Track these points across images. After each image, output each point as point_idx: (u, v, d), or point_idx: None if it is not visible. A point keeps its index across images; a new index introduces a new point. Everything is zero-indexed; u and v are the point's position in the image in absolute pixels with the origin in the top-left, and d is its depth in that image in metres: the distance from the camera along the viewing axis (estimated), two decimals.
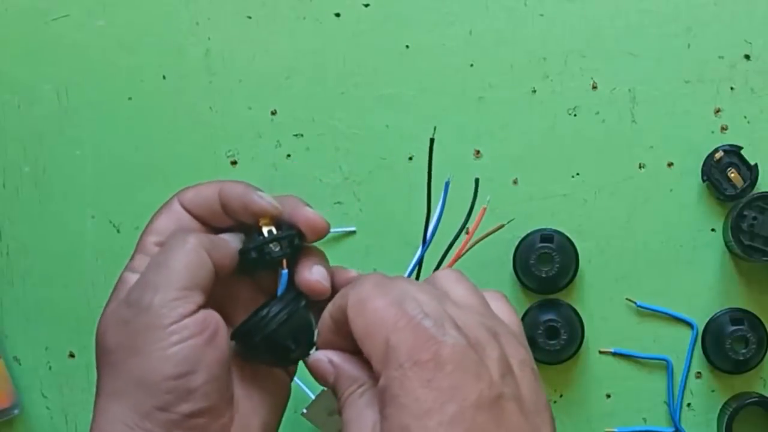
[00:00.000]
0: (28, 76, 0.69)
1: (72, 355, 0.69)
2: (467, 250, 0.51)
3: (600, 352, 0.68)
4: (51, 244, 0.70)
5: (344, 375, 0.42)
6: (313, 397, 0.58)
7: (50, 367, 0.69)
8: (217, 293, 0.46)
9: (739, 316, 0.67)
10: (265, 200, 0.46)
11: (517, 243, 0.67)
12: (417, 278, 0.49)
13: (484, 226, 0.54)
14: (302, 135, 0.69)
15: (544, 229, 0.67)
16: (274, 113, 0.69)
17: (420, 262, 0.49)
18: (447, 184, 0.48)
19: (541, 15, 0.68)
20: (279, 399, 0.48)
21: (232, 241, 0.47)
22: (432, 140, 0.48)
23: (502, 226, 0.56)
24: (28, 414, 0.69)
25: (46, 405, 0.70)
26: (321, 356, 0.44)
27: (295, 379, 0.50)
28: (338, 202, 0.69)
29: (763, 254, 0.64)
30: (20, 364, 0.69)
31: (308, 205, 0.47)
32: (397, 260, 0.66)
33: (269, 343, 0.44)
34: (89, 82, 0.69)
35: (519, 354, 0.40)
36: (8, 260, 0.70)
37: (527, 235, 0.67)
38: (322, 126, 0.69)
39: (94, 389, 0.45)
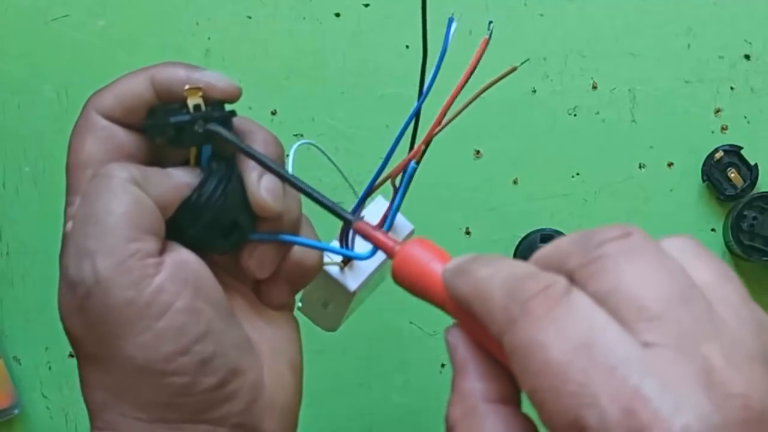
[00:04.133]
0: (28, 76, 0.69)
1: (72, 355, 0.69)
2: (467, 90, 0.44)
3: None
4: (51, 244, 0.69)
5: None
6: None
7: (50, 367, 0.69)
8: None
9: None
10: (218, 78, 0.38)
11: (517, 243, 0.67)
12: (413, 138, 0.44)
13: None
14: (302, 135, 0.69)
15: (544, 229, 0.67)
16: (274, 113, 0.69)
17: (417, 115, 0.43)
18: (450, 21, 0.42)
19: (541, 15, 0.68)
20: (292, 329, 0.42)
21: (178, 176, 0.38)
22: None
23: (515, 68, 0.46)
24: (28, 414, 0.69)
25: (46, 405, 0.70)
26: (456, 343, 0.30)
27: None
28: (338, 202, 0.69)
29: (763, 254, 0.64)
30: (20, 364, 0.69)
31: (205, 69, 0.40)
32: None
33: (217, 224, 0.38)
34: (89, 82, 0.69)
35: None
36: (8, 260, 0.69)
37: (527, 235, 0.67)
38: (322, 126, 0.69)
39: (79, 382, 0.38)
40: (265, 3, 0.69)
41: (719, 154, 0.66)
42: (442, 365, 0.67)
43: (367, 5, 0.69)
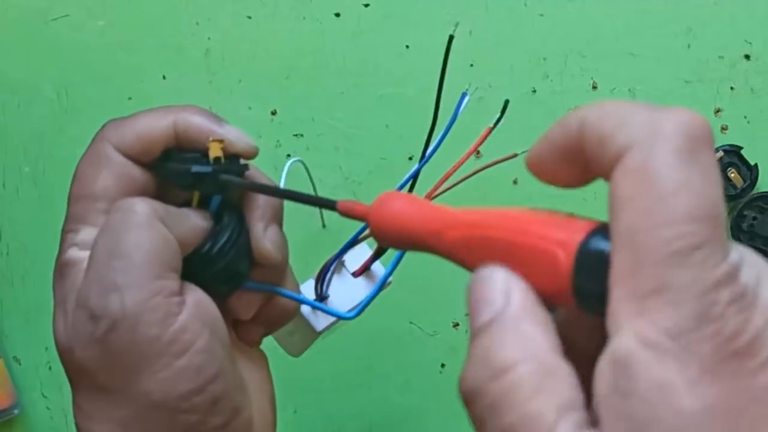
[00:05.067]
0: (28, 76, 0.69)
1: None
2: (467, 172, 0.46)
3: None
4: (51, 244, 0.69)
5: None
6: None
7: (50, 367, 0.69)
8: None
9: None
10: (240, 137, 0.39)
11: None
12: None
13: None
14: (302, 135, 0.69)
15: None
16: (274, 113, 0.69)
17: (415, 177, 0.45)
18: (463, 95, 0.44)
19: (541, 15, 0.68)
20: (266, 365, 0.43)
21: (193, 217, 0.39)
22: (451, 37, 0.44)
23: (515, 155, 0.48)
24: (28, 414, 0.69)
25: (46, 405, 0.70)
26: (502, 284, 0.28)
27: None
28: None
29: (763, 254, 0.64)
30: (20, 364, 0.69)
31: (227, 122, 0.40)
32: None
33: (224, 272, 0.40)
34: (89, 82, 0.69)
35: None
36: (8, 260, 0.69)
37: None
38: (322, 126, 0.69)
39: (73, 411, 0.38)
40: (265, 3, 0.69)
41: (719, 154, 0.66)
42: (442, 365, 0.67)
43: (367, 5, 0.69)
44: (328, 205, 0.36)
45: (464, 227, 0.30)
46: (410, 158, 0.68)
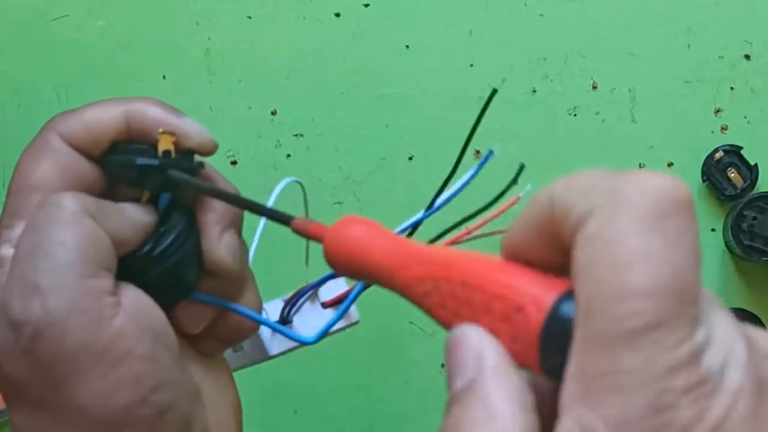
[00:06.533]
0: (28, 76, 0.69)
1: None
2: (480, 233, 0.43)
3: None
4: None
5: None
6: None
7: None
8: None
9: (739, 316, 0.66)
10: (198, 132, 0.36)
11: None
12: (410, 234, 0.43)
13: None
14: (302, 135, 0.69)
15: None
16: (274, 113, 0.69)
17: (416, 226, 0.42)
18: (490, 153, 0.41)
19: (541, 15, 0.68)
20: (227, 368, 0.40)
21: (132, 212, 0.35)
22: (495, 91, 0.39)
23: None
24: None
25: None
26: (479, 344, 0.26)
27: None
28: (338, 202, 0.69)
29: (763, 254, 0.64)
30: None
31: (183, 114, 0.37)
32: None
33: (167, 278, 0.35)
34: (89, 82, 0.69)
35: None
36: None
37: None
38: (322, 126, 0.69)
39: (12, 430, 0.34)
40: (265, 3, 0.69)
41: (719, 154, 0.66)
42: (442, 365, 0.67)
43: (367, 5, 0.69)
44: (283, 219, 0.33)
45: (429, 266, 0.27)
46: (410, 158, 0.68)
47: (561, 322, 0.24)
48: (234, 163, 0.69)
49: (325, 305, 0.45)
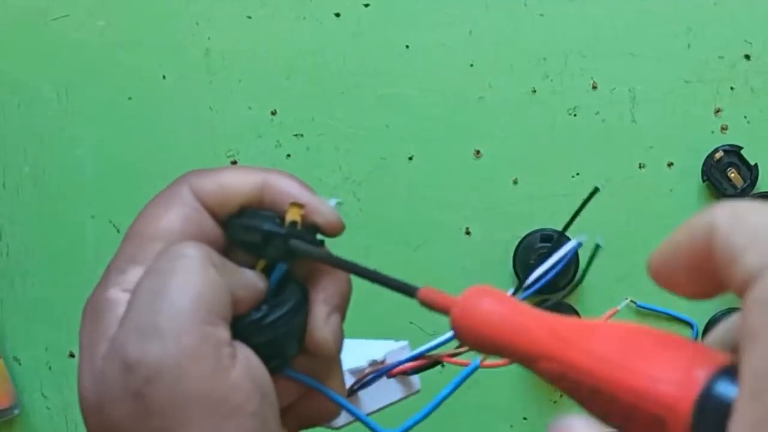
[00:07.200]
0: (28, 76, 0.69)
1: (72, 355, 0.69)
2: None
3: None
4: (51, 244, 0.70)
5: None
6: None
7: (50, 367, 0.69)
8: None
9: None
10: (329, 210, 0.37)
11: (517, 243, 0.67)
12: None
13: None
14: (302, 135, 0.69)
15: (544, 229, 0.67)
16: (274, 113, 0.69)
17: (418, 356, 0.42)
18: (578, 245, 0.39)
19: (541, 15, 0.68)
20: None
21: (250, 276, 0.35)
22: (597, 189, 0.37)
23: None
24: (28, 414, 0.69)
25: (46, 405, 0.70)
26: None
27: None
28: (338, 202, 0.69)
29: None
30: (20, 364, 0.69)
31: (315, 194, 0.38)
32: (397, 260, 0.66)
33: (270, 348, 0.36)
34: (89, 82, 0.69)
35: None
36: (8, 260, 0.70)
37: (527, 235, 0.67)
38: (322, 126, 0.69)
39: None
40: (265, 3, 0.69)
41: (719, 154, 0.66)
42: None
43: (367, 5, 0.69)
44: (408, 291, 0.32)
45: (560, 363, 0.26)
46: (410, 158, 0.68)
47: (718, 406, 0.22)
48: (234, 163, 0.69)
49: (389, 375, 0.45)
